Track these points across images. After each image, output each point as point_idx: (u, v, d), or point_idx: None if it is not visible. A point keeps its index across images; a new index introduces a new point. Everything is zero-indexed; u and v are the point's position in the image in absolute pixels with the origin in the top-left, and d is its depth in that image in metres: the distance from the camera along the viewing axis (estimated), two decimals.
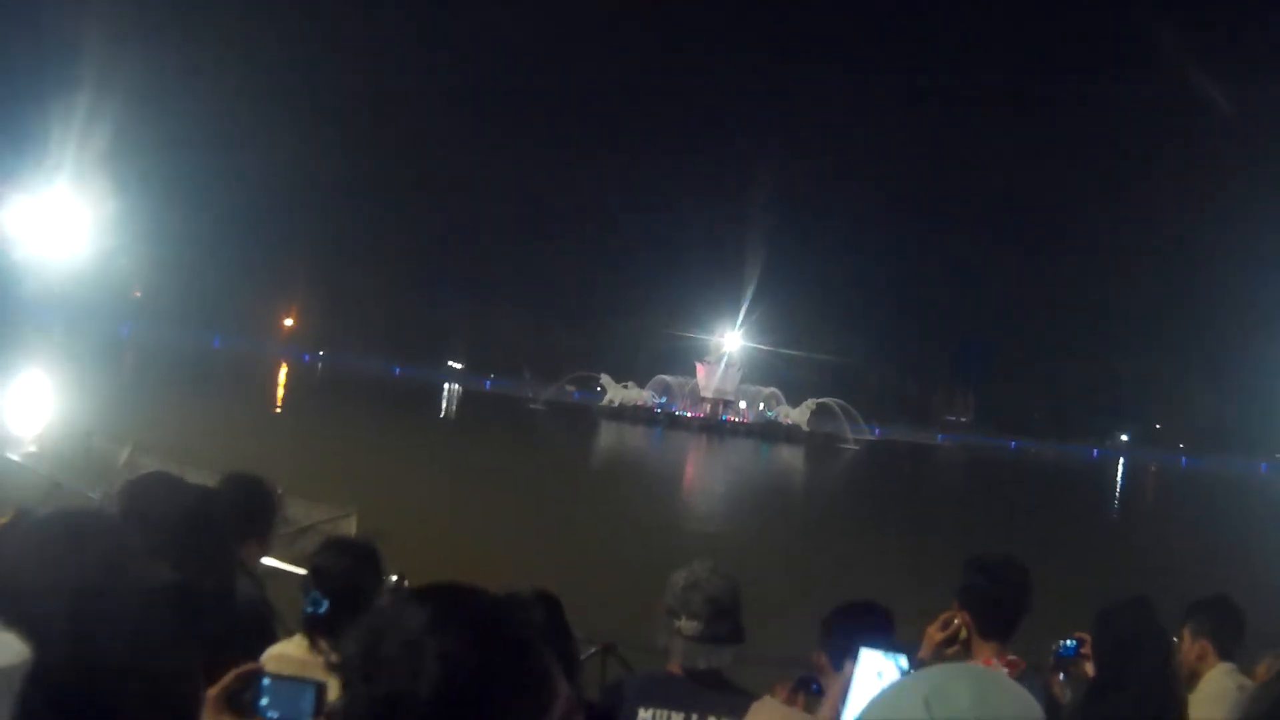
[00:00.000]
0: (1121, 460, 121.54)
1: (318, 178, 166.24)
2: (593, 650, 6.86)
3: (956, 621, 3.49)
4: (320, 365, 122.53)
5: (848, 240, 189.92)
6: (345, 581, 3.27)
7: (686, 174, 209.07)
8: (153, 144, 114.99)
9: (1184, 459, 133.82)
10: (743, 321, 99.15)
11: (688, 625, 3.16)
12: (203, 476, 4.04)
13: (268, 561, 3.97)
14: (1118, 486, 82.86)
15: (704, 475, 50.70)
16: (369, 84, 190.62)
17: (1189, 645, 4.42)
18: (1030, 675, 3.39)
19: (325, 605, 3.18)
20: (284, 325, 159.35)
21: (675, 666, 3.22)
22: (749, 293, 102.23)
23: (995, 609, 3.48)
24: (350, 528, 16.29)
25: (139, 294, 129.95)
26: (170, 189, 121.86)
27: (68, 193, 34.65)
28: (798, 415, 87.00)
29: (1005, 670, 3.33)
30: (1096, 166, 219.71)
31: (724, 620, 3.17)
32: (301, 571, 3.51)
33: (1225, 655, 4.44)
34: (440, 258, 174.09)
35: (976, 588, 3.50)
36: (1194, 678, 4.34)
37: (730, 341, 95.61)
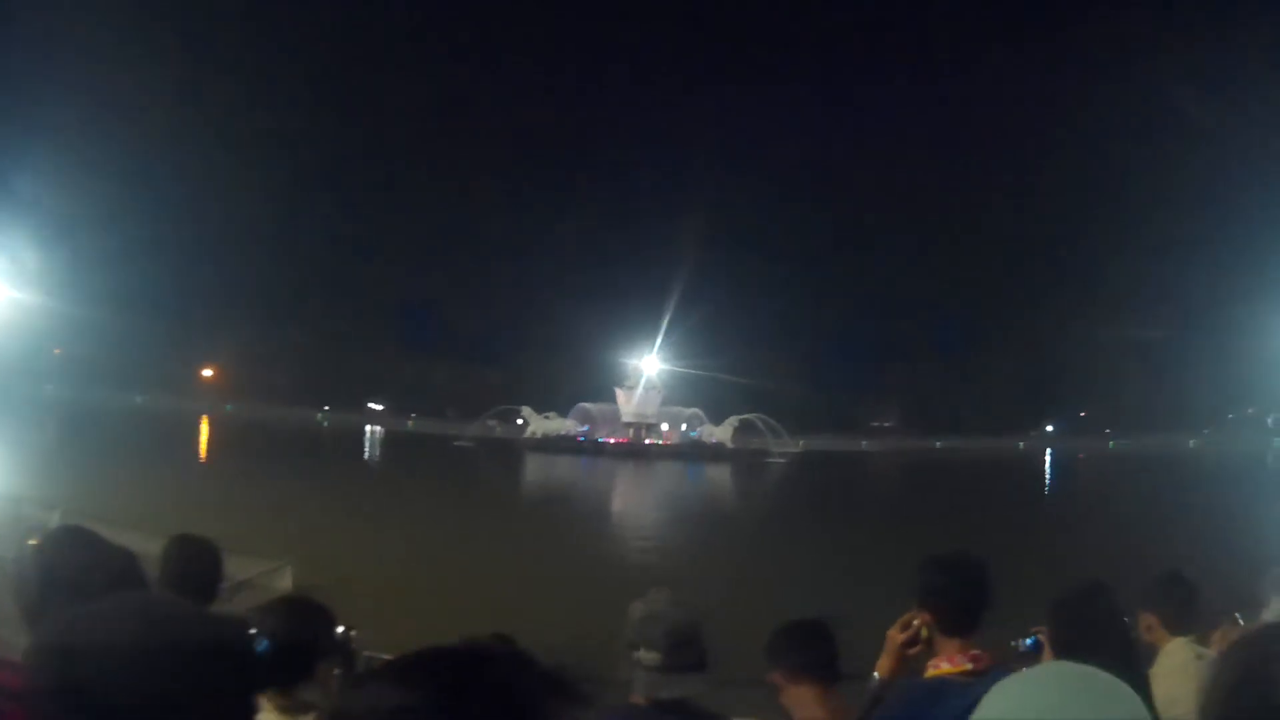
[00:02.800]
0: (1048, 450, 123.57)
1: (231, 227, 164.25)
2: None
3: (917, 622, 3.45)
4: (242, 415, 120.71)
5: (764, 256, 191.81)
6: (285, 630, 3.17)
7: (599, 201, 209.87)
8: (66, 198, 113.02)
9: (1111, 443, 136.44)
10: (661, 344, 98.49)
11: (648, 656, 3.08)
12: (136, 539, 3.89)
13: None
14: (1046, 476, 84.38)
15: (635, 504, 50.49)
16: (279, 130, 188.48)
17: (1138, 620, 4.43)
18: (997, 671, 3.35)
19: (265, 645, 3.08)
20: (204, 377, 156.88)
21: (639, 698, 3.13)
22: (667, 315, 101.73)
23: (956, 605, 3.44)
24: (285, 580, 16.00)
25: (59, 351, 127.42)
26: (88, 244, 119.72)
27: None
28: (721, 433, 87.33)
29: (971, 664, 3.31)
30: (997, 158, 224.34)
31: (685, 649, 3.09)
32: None
33: (1178, 628, 4.47)
34: (355, 303, 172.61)
35: (935, 586, 3.45)
36: (1149, 652, 4.35)
37: (649, 365, 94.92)
